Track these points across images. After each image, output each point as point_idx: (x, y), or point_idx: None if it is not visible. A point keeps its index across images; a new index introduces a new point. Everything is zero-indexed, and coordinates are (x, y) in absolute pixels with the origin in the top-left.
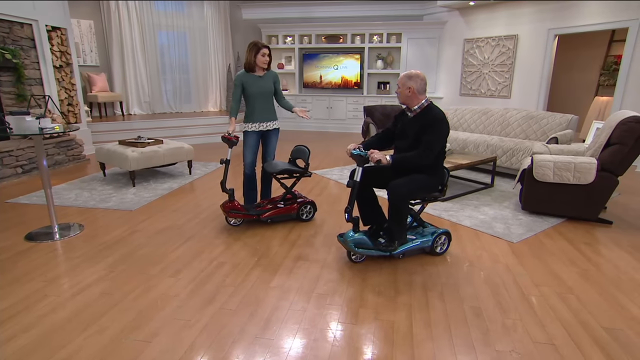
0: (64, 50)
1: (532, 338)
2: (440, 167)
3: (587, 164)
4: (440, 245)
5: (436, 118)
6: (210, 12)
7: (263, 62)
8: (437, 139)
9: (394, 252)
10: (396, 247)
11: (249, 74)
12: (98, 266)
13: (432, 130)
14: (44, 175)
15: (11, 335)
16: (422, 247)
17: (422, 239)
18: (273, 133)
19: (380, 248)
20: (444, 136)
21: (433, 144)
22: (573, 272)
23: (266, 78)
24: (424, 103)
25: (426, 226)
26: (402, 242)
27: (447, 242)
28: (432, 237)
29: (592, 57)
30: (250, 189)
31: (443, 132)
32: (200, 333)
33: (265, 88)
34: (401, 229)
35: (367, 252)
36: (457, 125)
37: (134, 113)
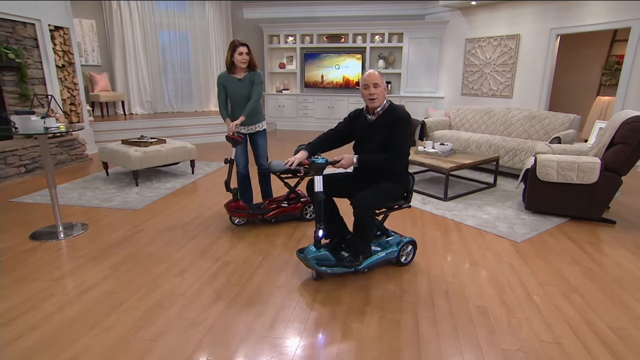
0: (67, 50)
1: (538, 337)
2: (406, 174)
3: (591, 164)
4: (405, 255)
5: (403, 118)
6: (212, 12)
7: (240, 61)
8: (405, 141)
9: (359, 267)
10: (361, 262)
11: (230, 75)
12: (103, 265)
13: (400, 131)
14: (49, 174)
15: (19, 334)
16: (387, 259)
17: (387, 250)
18: (259, 135)
19: (344, 264)
20: (410, 137)
21: (402, 147)
22: (577, 271)
23: (245, 80)
24: (386, 104)
25: (390, 235)
26: (367, 255)
27: (413, 251)
28: (398, 247)
29: (593, 56)
30: (245, 188)
31: (409, 132)
32: (207, 332)
33: (243, 92)
34: (366, 243)
35: (331, 269)
36: (459, 125)
37: (135, 112)
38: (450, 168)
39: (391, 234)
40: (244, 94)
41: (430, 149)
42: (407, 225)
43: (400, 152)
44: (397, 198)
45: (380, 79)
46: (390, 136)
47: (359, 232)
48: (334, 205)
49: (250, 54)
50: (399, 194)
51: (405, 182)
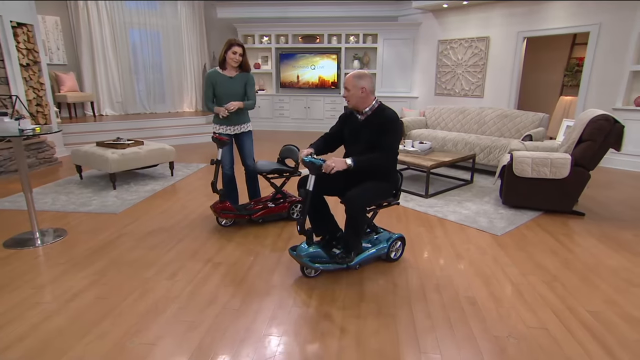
0: (31, 48)
1: (526, 323)
2: (394, 172)
3: (563, 160)
4: (395, 250)
5: (391, 118)
6: (184, 11)
7: (233, 60)
8: (395, 140)
9: (351, 263)
10: (353, 258)
11: (221, 73)
12: (88, 271)
13: (389, 131)
14: (24, 178)
15: (6, 345)
16: (378, 255)
17: (377, 246)
18: (245, 136)
19: (336, 260)
20: (399, 136)
21: (393, 145)
22: (555, 261)
23: (237, 79)
24: (375, 104)
25: (380, 232)
26: (358, 252)
27: (402, 247)
28: (388, 243)
29: (556, 58)
30: (231, 190)
31: (399, 132)
32: (207, 333)
33: (233, 90)
34: (358, 240)
35: (324, 266)
36: (435, 124)
37: (105, 114)
38: (431, 166)
39: (380, 231)
40: (234, 92)
41: (410, 147)
42: (392, 222)
43: (391, 152)
44: (387, 195)
45: (352, 82)
46: (379, 136)
47: (352, 229)
48: (324, 203)
49: (245, 55)
50: (388, 192)
51: (394, 179)
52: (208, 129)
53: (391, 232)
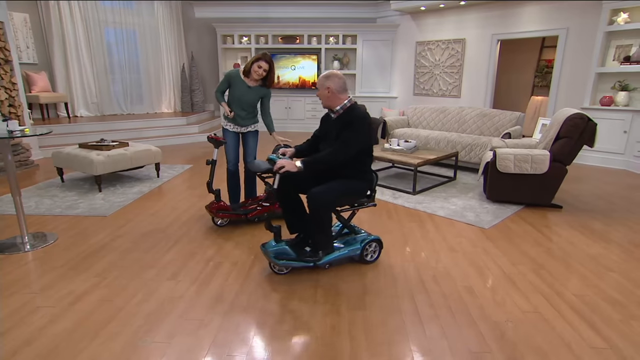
0: (2, 46)
1: (520, 308)
2: (367, 172)
3: (542, 156)
4: (370, 253)
5: (357, 116)
6: (161, 10)
7: (257, 73)
8: (355, 136)
9: (318, 262)
10: (321, 258)
11: (242, 77)
12: (87, 274)
13: (351, 127)
14: (12, 181)
15: (13, 350)
16: (350, 256)
17: (350, 247)
18: (251, 135)
19: (303, 259)
20: (363, 134)
21: (349, 140)
22: (540, 251)
23: (254, 90)
24: (347, 103)
25: (358, 232)
26: (327, 251)
27: (379, 249)
28: (361, 245)
29: (527, 60)
30: (235, 185)
31: (362, 130)
32: (219, 331)
33: (247, 98)
34: (325, 239)
35: (289, 263)
36: (417, 123)
37: (80, 115)
38: (418, 163)
39: (359, 232)
40: (248, 100)
41: (396, 146)
42: (383, 218)
43: (346, 144)
44: (358, 195)
45: (320, 82)
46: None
47: (315, 227)
48: (299, 201)
49: (270, 73)
50: (359, 191)
51: (368, 179)
52: (189, 130)
53: (369, 234)
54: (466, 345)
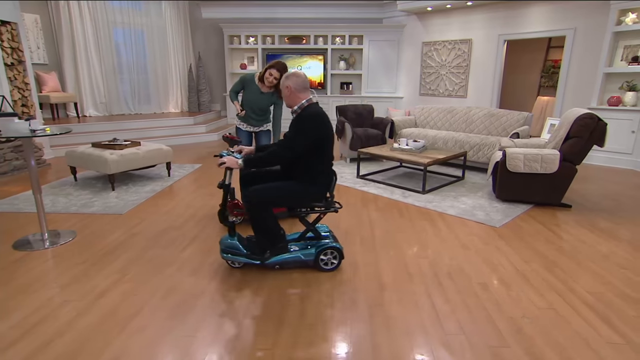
0: (16, 47)
1: (536, 305)
2: (320, 173)
3: (552, 155)
4: (327, 261)
5: (304, 116)
6: (169, 10)
7: (267, 79)
8: (296, 136)
9: (265, 262)
10: (268, 257)
11: (256, 83)
12: (108, 270)
13: (295, 127)
14: (34, 180)
15: (46, 342)
16: (303, 261)
17: (304, 251)
18: (263, 134)
19: (250, 256)
20: (306, 135)
21: (290, 140)
22: (551, 249)
23: (266, 96)
24: (304, 103)
25: (325, 238)
26: (276, 252)
27: (338, 258)
28: (316, 251)
29: (533, 60)
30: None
31: (305, 129)
32: (242, 324)
33: (259, 103)
34: (269, 238)
35: (236, 258)
36: (424, 123)
37: (89, 115)
38: (427, 163)
39: (326, 237)
40: (261, 105)
41: (405, 145)
42: (395, 217)
43: (287, 142)
44: (305, 198)
45: (282, 81)
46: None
47: (254, 226)
48: None
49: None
50: (306, 194)
51: (320, 182)
52: (196, 129)
53: (331, 241)
54: (484, 340)
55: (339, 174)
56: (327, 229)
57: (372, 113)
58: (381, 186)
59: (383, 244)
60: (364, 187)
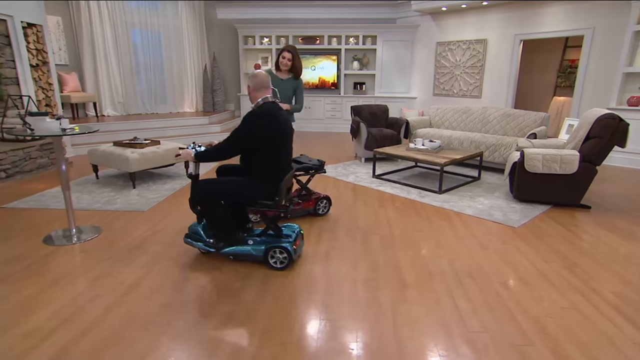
0: (40, 49)
1: (559, 305)
2: (269, 173)
3: (572, 156)
4: (276, 259)
5: (253, 112)
6: (185, 11)
7: (283, 63)
8: (242, 132)
9: (220, 251)
10: (221, 247)
11: (274, 73)
12: (134, 266)
13: (242, 123)
14: (63, 177)
15: (81, 333)
16: (254, 255)
17: (255, 246)
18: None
19: (208, 243)
20: (253, 130)
21: (230, 137)
22: (572, 249)
23: (287, 82)
24: (260, 101)
25: (286, 236)
26: (229, 243)
27: (288, 259)
28: (265, 248)
29: (549, 60)
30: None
31: (245, 127)
32: (268, 318)
33: (283, 92)
34: (218, 229)
35: (194, 243)
36: (439, 123)
37: (107, 114)
38: (444, 163)
39: (287, 236)
40: (284, 93)
41: (421, 145)
42: (412, 216)
43: (227, 141)
44: (249, 195)
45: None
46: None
47: (205, 217)
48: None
49: (294, 60)
50: (250, 191)
51: (267, 182)
52: (211, 129)
53: (287, 240)
54: (508, 338)
55: (353, 174)
56: (298, 229)
57: (386, 113)
58: (397, 186)
59: (402, 243)
60: (380, 187)
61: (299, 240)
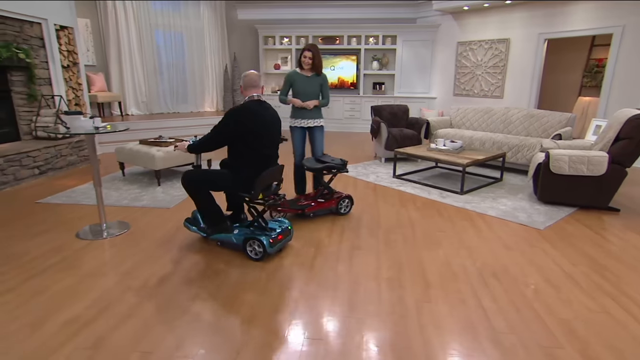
0: (71, 50)
1: (588, 308)
2: (244, 168)
3: (600, 157)
4: (253, 249)
5: (232, 108)
6: (207, 12)
7: (304, 62)
8: (217, 126)
9: (209, 236)
10: (210, 233)
11: (299, 72)
12: (164, 260)
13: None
14: (96, 174)
15: (118, 322)
16: (235, 244)
17: (237, 236)
18: (317, 130)
19: (201, 228)
20: (227, 123)
21: (212, 130)
22: (601, 252)
23: (312, 79)
24: (247, 99)
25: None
26: (217, 230)
27: (262, 251)
28: (243, 237)
29: (574, 59)
30: (301, 179)
31: (227, 120)
32: (295, 315)
33: (310, 88)
34: (206, 216)
35: (190, 227)
36: (460, 123)
37: (131, 113)
38: (467, 163)
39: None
40: (311, 90)
41: (442, 146)
42: (434, 216)
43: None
44: (224, 185)
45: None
46: None
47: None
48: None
49: (315, 58)
50: (224, 181)
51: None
52: None
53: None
54: (536, 340)
55: (374, 174)
56: (286, 225)
57: (407, 113)
58: (417, 186)
59: (425, 243)
60: (400, 187)
61: (283, 235)
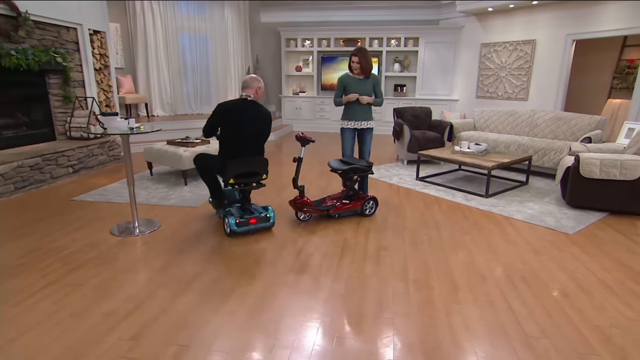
0: (103, 53)
1: (624, 315)
2: (222, 153)
3: (634, 161)
4: (225, 224)
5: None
6: (231, 15)
7: (354, 67)
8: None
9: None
10: (214, 206)
11: (351, 75)
12: (195, 257)
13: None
14: (129, 173)
15: (155, 316)
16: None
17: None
18: (367, 132)
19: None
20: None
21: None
22: (635, 259)
23: (365, 81)
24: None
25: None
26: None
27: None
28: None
29: (603, 60)
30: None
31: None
32: (324, 315)
33: (365, 90)
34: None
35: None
36: (483, 126)
37: (156, 114)
38: (492, 166)
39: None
40: (364, 91)
41: (466, 148)
42: (459, 219)
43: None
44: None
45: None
46: None
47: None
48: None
49: (362, 62)
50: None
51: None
52: None
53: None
54: (570, 346)
55: (397, 176)
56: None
57: (429, 115)
58: (441, 189)
59: (451, 245)
60: (424, 189)
61: (257, 220)
